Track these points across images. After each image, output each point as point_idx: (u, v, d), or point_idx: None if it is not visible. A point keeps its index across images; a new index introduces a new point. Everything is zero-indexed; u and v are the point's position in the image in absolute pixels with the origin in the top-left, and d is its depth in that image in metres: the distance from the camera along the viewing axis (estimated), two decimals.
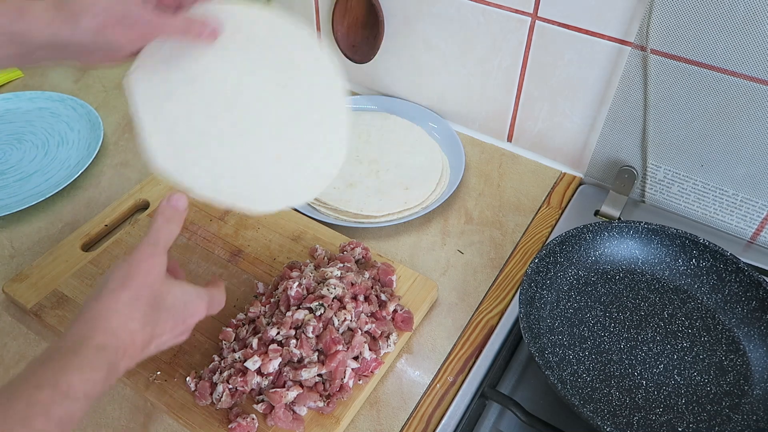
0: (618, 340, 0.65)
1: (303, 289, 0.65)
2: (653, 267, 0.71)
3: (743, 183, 0.74)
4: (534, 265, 0.65)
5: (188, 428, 0.60)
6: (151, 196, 0.82)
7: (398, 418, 0.62)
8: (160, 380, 0.63)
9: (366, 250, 0.73)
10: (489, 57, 0.85)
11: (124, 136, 0.96)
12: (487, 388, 0.62)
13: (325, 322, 0.62)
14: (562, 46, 0.77)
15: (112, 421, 0.62)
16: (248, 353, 0.61)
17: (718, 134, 0.72)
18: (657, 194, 0.82)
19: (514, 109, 0.88)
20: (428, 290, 0.71)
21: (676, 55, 0.69)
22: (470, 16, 0.82)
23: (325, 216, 0.81)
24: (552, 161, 0.90)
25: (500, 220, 0.82)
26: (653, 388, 0.61)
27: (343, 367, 0.60)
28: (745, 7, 0.62)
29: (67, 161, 0.90)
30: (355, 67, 0.99)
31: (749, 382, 0.61)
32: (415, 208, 0.81)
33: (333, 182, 0.83)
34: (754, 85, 0.66)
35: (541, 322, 0.65)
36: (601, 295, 0.69)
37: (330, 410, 0.60)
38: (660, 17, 0.67)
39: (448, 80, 0.91)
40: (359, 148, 0.89)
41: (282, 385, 0.60)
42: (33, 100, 1.00)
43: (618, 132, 0.80)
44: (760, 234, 0.77)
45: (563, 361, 0.63)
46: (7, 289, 0.71)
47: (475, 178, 0.88)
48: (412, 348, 0.68)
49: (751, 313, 0.65)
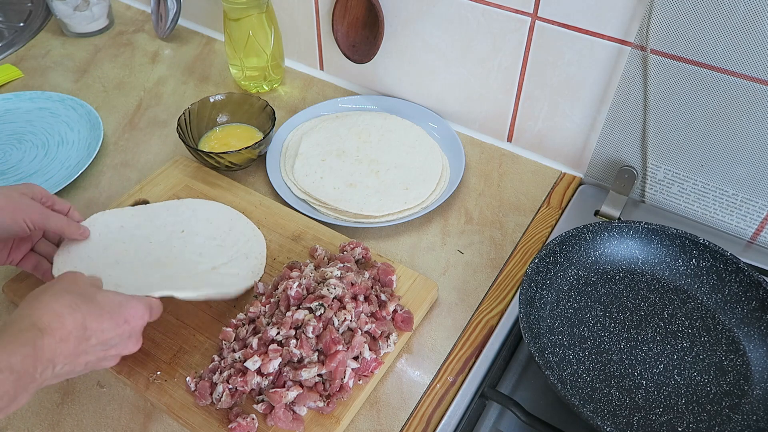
0: (618, 340, 0.65)
1: (303, 289, 0.65)
2: (653, 267, 0.71)
3: (743, 183, 0.74)
4: (534, 265, 0.65)
5: (188, 428, 0.60)
6: (151, 196, 0.82)
7: (398, 418, 0.63)
8: (160, 380, 0.63)
9: (366, 250, 0.73)
10: (489, 57, 0.85)
11: (124, 136, 0.96)
12: (487, 388, 0.62)
13: (325, 322, 0.62)
14: (562, 46, 0.77)
15: (112, 421, 0.62)
16: (248, 353, 0.61)
17: (718, 134, 0.72)
18: (657, 194, 0.82)
19: (514, 109, 0.88)
20: (428, 290, 0.71)
21: (676, 55, 0.69)
22: (470, 16, 0.82)
23: (325, 216, 0.81)
24: (552, 161, 0.90)
25: (500, 220, 0.82)
26: (653, 388, 0.61)
27: (343, 367, 0.60)
28: (745, 7, 0.62)
29: (67, 161, 0.90)
30: (355, 67, 0.99)
31: (749, 382, 0.61)
32: (415, 208, 0.81)
33: (333, 182, 0.84)
34: (754, 85, 0.66)
35: (541, 322, 0.65)
36: (601, 295, 0.69)
37: (330, 410, 0.60)
38: (660, 17, 0.67)
39: (448, 80, 0.91)
40: (359, 148, 0.89)
41: (282, 385, 0.60)
42: (33, 100, 1.00)
43: (618, 132, 0.80)
44: (760, 234, 0.77)
45: (563, 361, 0.63)
46: (7, 289, 0.71)
47: (475, 178, 0.88)
48: (412, 348, 0.68)
49: (751, 313, 0.65)
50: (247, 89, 1.04)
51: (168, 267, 0.69)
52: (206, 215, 0.77)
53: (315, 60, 1.05)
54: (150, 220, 0.74)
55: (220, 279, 0.69)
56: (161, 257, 0.70)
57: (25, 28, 1.20)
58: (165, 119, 0.99)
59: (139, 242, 0.71)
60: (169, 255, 0.71)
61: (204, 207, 0.78)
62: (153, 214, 0.76)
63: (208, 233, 0.75)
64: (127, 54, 1.13)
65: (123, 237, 0.71)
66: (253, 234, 0.76)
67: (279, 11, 1.00)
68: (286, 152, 0.90)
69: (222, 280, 0.69)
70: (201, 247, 0.73)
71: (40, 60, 1.12)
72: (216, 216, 0.77)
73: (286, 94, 1.04)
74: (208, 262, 0.71)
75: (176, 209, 0.77)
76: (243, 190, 0.83)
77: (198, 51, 1.14)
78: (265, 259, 0.74)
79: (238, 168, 0.88)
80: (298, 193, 0.84)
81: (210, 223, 0.76)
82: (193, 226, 0.75)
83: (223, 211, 0.78)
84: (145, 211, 0.76)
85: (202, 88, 1.05)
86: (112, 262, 0.67)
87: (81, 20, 1.14)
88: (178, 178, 0.85)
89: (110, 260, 0.68)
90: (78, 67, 1.10)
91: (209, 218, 0.77)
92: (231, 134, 0.91)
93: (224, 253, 0.73)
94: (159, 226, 0.74)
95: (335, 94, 1.03)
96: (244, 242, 0.75)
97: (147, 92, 1.04)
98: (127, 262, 0.68)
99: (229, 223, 0.77)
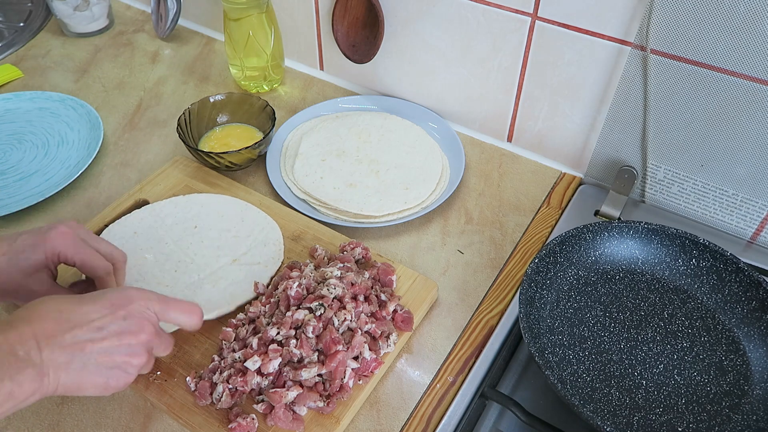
0: (618, 340, 0.65)
1: (303, 289, 0.65)
2: (653, 267, 0.71)
3: (743, 183, 0.74)
4: (534, 265, 0.65)
5: (188, 428, 0.60)
6: (151, 196, 0.82)
7: (398, 418, 0.62)
8: (160, 380, 0.63)
9: (366, 250, 0.73)
10: (489, 57, 0.85)
11: (124, 136, 0.96)
12: (487, 388, 0.62)
13: (325, 322, 0.62)
14: (562, 46, 0.77)
15: (112, 421, 0.62)
16: (248, 353, 0.61)
17: (718, 134, 0.72)
18: (657, 194, 0.82)
19: (514, 109, 0.88)
20: (428, 290, 0.71)
21: (676, 55, 0.69)
22: (470, 16, 0.82)
23: (325, 216, 0.81)
24: (552, 161, 0.90)
25: (500, 220, 0.82)
26: (653, 388, 0.61)
27: (343, 367, 0.60)
28: (745, 7, 0.62)
29: (67, 161, 0.90)
30: (355, 67, 0.99)
31: (749, 382, 0.61)
32: (415, 208, 0.81)
33: (333, 182, 0.84)
34: (754, 85, 0.66)
35: (541, 322, 0.65)
36: (601, 295, 0.69)
37: (330, 410, 0.60)
38: (660, 17, 0.67)
39: (448, 80, 0.91)
40: (359, 148, 0.89)
41: (282, 385, 0.60)
42: (33, 100, 1.00)
43: (618, 132, 0.80)
44: (760, 234, 0.77)
45: (563, 361, 0.63)
46: None
47: (475, 178, 0.88)
48: (412, 348, 0.68)
49: (751, 313, 0.65)
50: (247, 89, 1.04)
51: (190, 269, 0.70)
52: (216, 208, 0.78)
53: (315, 60, 1.05)
54: (161, 220, 0.75)
55: (244, 270, 0.71)
56: (181, 258, 0.71)
57: (25, 28, 1.20)
58: (165, 119, 0.99)
59: (157, 247, 0.72)
60: (187, 253, 0.72)
61: (212, 200, 0.79)
62: (162, 214, 0.76)
63: (222, 226, 0.76)
64: (127, 54, 1.13)
65: (140, 244, 0.72)
66: (266, 222, 0.77)
67: (279, 11, 1.00)
68: (286, 152, 0.90)
69: (246, 272, 0.70)
70: (217, 241, 0.74)
71: (40, 60, 1.12)
72: (226, 208, 0.78)
73: (286, 94, 1.04)
74: (228, 254, 0.72)
75: (184, 205, 0.78)
76: (243, 190, 0.83)
77: (198, 51, 1.14)
78: (282, 244, 0.75)
79: (238, 168, 0.88)
80: (298, 193, 0.84)
81: (221, 216, 0.77)
82: (205, 221, 0.76)
83: (232, 202, 0.79)
84: (153, 211, 0.76)
85: (202, 88, 1.05)
86: (135, 279, 0.69)
87: (81, 20, 1.14)
88: (178, 178, 0.85)
89: (133, 277, 0.69)
90: (78, 67, 1.10)
91: (219, 211, 0.77)
92: (231, 134, 0.91)
93: (242, 243, 0.74)
94: (171, 225, 0.75)
95: (335, 94, 1.03)
96: (259, 231, 0.75)
97: (147, 92, 1.04)
98: (150, 275, 0.69)
99: (240, 213, 0.77)
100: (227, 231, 0.75)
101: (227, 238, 0.74)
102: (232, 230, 0.75)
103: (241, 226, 0.76)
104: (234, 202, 0.79)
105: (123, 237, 0.73)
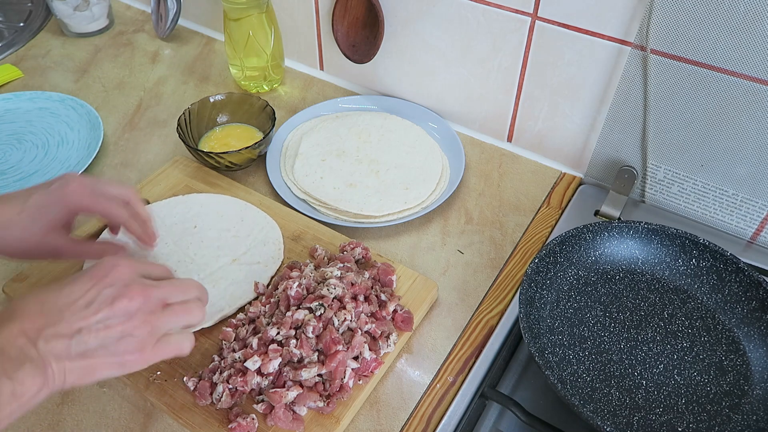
0: (618, 340, 0.65)
1: (303, 289, 0.65)
2: (653, 267, 0.71)
3: (743, 183, 0.74)
4: (534, 265, 0.65)
5: (188, 428, 0.60)
6: (151, 196, 0.82)
7: (398, 418, 0.63)
8: (160, 380, 0.63)
9: (366, 250, 0.73)
10: (489, 57, 0.85)
11: (124, 136, 0.96)
12: (487, 388, 0.62)
13: (325, 322, 0.62)
14: (562, 46, 0.77)
15: (112, 421, 0.62)
16: (248, 353, 0.61)
17: (718, 134, 0.72)
18: (657, 194, 0.82)
19: (514, 109, 0.88)
20: (428, 290, 0.71)
21: (676, 55, 0.69)
22: (470, 16, 0.82)
23: (325, 216, 0.81)
24: (552, 161, 0.90)
25: (500, 220, 0.82)
26: (653, 388, 0.61)
27: (343, 367, 0.60)
28: (745, 7, 0.62)
29: (67, 161, 0.90)
30: (355, 67, 0.99)
31: (749, 382, 0.61)
32: (415, 208, 0.81)
33: (333, 182, 0.84)
34: (754, 85, 0.66)
35: (541, 322, 0.65)
36: (601, 295, 0.69)
37: (330, 410, 0.60)
38: (660, 17, 0.67)
39: (448, 80, 0.91)
40: (359, 148, 0.89)
41: (282, 385, 0.60)
42: (33, 100, 1.00)
43: (618, 132, 0.80)
44: (760, 234, 0.77)
45: (563, 361, 0.63)
46: (7, 289, 0.71)
47: (475, 178, 0.88)
48: (412, 348, 0.68)
49: (751, 313, 0.65)
50: (247, 89, 1.04)
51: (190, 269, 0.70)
52: (216, 208, 0.78)
53: (315, 60, 1.05)
54: (161, 220, 0.75)
55: (244, 270, 0.71)
56: (181, 258, 0.71)
57: (25, 28, 1.20)
58: (165, 119, 0.99)
59: (157, 248, 0.71)
60: (187, 253, 0.72)
61: (212, 200, 0.79)
62: (162, 214, 0.76)
63: (221, 226, 0.76)
64: (127, 54, 1.13)
65: None
66: (266, 221, 0.77)
67: (279, 11, 1.00)
68: (286, 152, 0.90)
69: (246, 272, 0.71)
70: (217, 241, 0.74)
71: (40, 60, 1.12)
72: (225, 208, 0.78)
73: (286, 94, 1.04)
74: (228, 254, 0.73)
75: (184, 205, 0.78)
76: (243, 190, 0.83)
77: (198, 51, 1.14)
78: (282, 243, 0.75)
79: (238, 168, 0.88)
80: (298, 193, 0.84)
81: (221, 215, 0.77)
82: (205, 221, 0.76)
83: (231, 202, 0.79)
84: (153, 211, 0.76)
85: (202, 88, 1.05)
86: None
87: (81, 20, 1.14)
88: (178, 178, 0.85)
89: None
90: (78, 67, 1.10)
91: (219, 211, 0.78)
92: (231, 134, 0.91)
93: (241, 243, 0.74)
94: (171, 225, 0.75)
95: (335, 94, 1.03)
96: (259, 230, 0.76)
97: (147, 92, 1.04)
98: None
99: (240, 213, 0.78)
100: (227, 231, 0.75)
101: (227, 238, 0.74)
102: (232, 230, 0.75)
103: (241, 226, 0.76)
104: (234, 202, 0.79)
105: (123, 237, 0.73)
